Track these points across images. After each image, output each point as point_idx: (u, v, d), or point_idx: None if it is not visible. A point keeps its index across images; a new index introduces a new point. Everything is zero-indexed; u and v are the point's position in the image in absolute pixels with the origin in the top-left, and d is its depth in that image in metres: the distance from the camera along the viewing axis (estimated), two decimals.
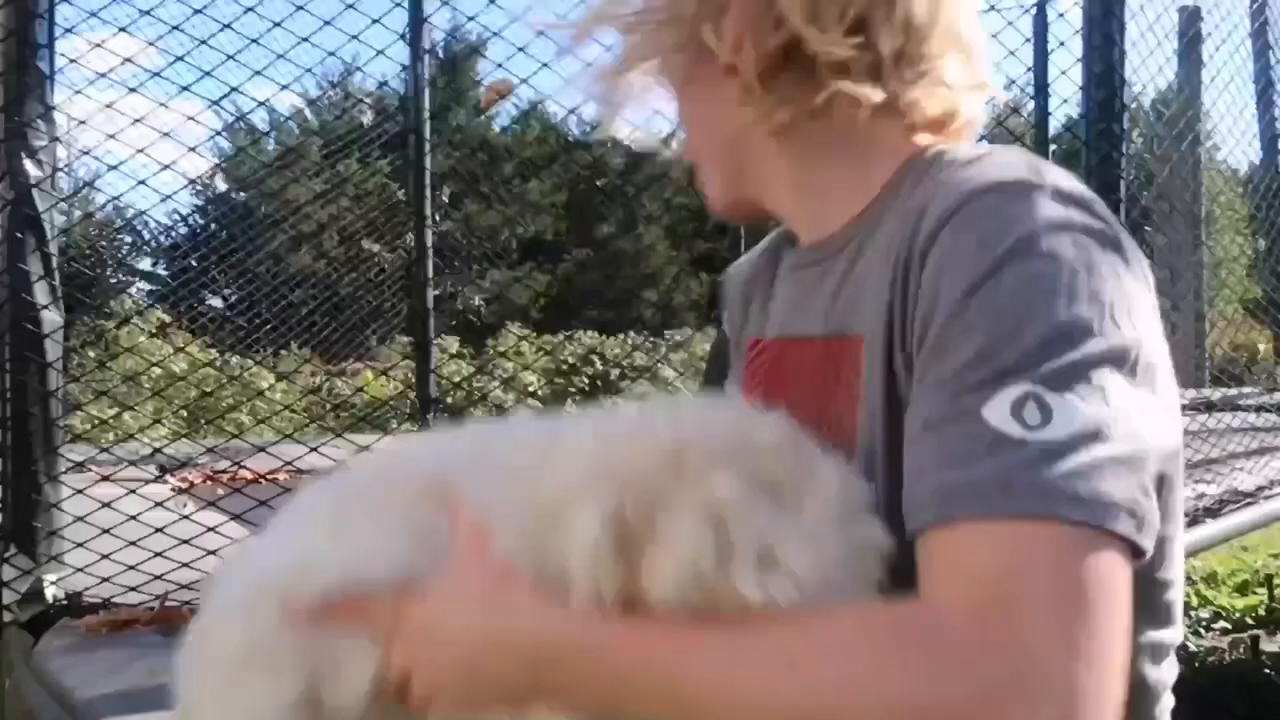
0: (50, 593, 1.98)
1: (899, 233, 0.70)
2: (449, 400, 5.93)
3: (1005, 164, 0.69)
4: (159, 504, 2.26)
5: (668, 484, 0.64)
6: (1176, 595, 0.77)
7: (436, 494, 0.75)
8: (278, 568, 0.75)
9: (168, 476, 3.35)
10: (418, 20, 5.29)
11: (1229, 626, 5.34)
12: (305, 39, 2.69)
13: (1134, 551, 0.57)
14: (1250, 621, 5.34)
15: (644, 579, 0.62)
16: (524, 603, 0.65)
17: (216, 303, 10.39)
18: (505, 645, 0.65)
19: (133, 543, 1.97)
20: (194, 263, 8.54)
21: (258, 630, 0.72)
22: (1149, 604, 0.70)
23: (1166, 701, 0.82)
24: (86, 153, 4.96)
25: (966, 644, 0.53)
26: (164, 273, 12.89)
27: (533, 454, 0.72)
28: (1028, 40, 6.03)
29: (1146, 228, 6.53)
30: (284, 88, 8.82)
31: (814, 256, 0.82)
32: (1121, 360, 0.60)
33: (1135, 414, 0.59)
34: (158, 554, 1.98)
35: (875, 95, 0.74)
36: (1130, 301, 0.62)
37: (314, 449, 2.63)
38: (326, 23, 2.72)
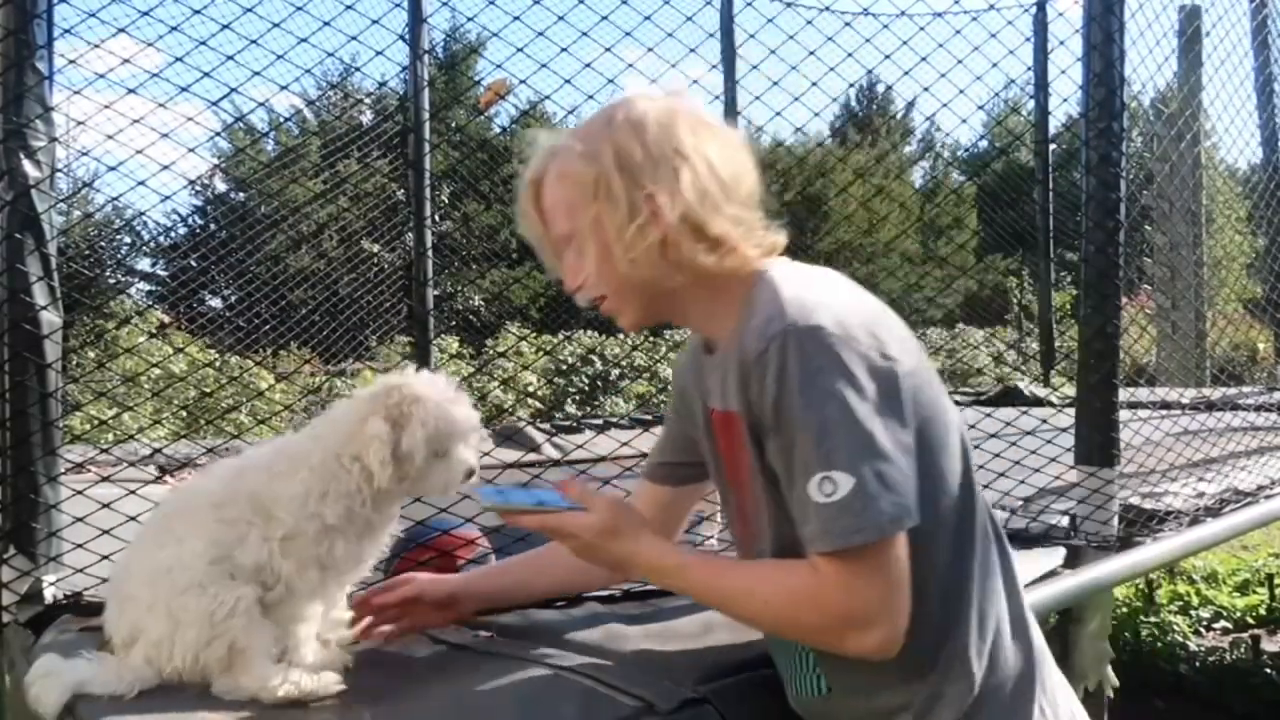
0: (49, 594, 1.97)
1: (741, 344, 1.24)
2: None
3: (793, 302, 1.20)
4: (159, 505, 2.25)
5: None
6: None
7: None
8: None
9: (167, 477, 3.35)
10: (417, 20, 5.29)
11: (1229, 626, 5.33)
12: (305, 39, 2.68)
13: (906, 522, 1.17)
14: (1250, 621, 5.34)
15: None
16: (649, 541, 1.33)
17: (216, 303, 10.39)
18: (638, 555, 1.33)
19: None
20: (193, 263, 8.54)
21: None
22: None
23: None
24: (86, 153, 4.96)
25: (835, 602, 1.19)
26: (163, 273, 12.88)
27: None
28: (1027, 39, 6.04)
29: (1146, 226, 6.53)
30: (283, 88, 8.83)
31: (719, 360, 1.36)
32: (868, 445, 1.15)
33: (880, 470, 1.15)
34: None
35: (736, 257, 1.29)
36: (869, 397, 1.16)
37: None
38: (325, 23, 2.72)
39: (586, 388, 9.80)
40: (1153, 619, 5.12)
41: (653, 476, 1.68)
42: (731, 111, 6.34)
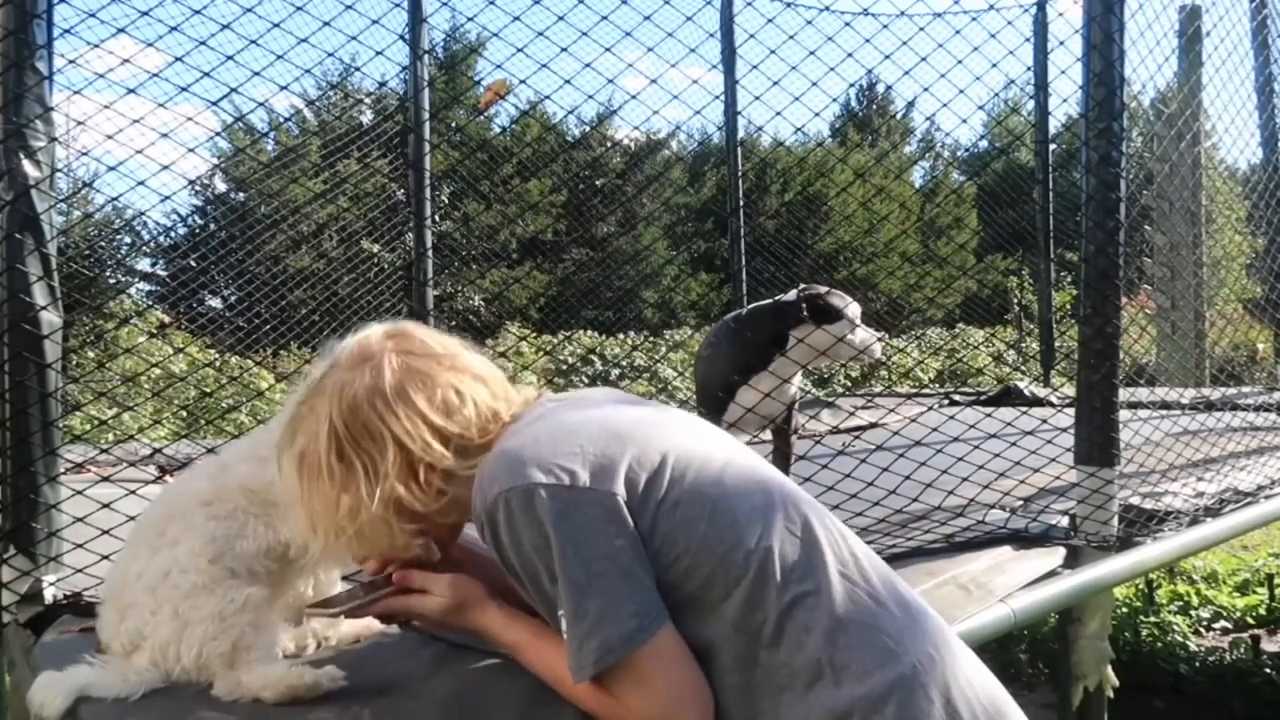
0: (49, 594, 1.97)
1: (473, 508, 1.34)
2: None
3: (492, 475, 1.29)
4: (145, 510, 2.25)
5: None
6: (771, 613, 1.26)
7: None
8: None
9: (167, 477, 3.34)
10: (417, 20, 5.29)
11: (1229, 626, 5.34)
12: (305, 39, 2.68)
13: (642, 635, 1.22)
14: (1250, 621, 5.34)
15: None
16: (492, 615, 1.41)
17: (216, 303, 10.38)
18: (486, 630, 1.43)
19: None
20: (193, 263, 8.52)
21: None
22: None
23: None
24: (86, 153, 4.96)
25: (626, 715, 1.25)
26: (163, 273, 12.87)
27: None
28: (1027, 39, 6.04)
29: (1146, 226, 6.53)
30: (283, 88, 8.82)
31: None
32: (580, 583, 1.21)
33: (598, 596, 1.21)
34: None
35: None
36: (580, 540, 1.22)
37: None
38: (326, 23, 2.72)
39: (586, 387, 9.79)
40: (1153, 619, 5.12)
41: None
42: (731, 111, 6.35)
